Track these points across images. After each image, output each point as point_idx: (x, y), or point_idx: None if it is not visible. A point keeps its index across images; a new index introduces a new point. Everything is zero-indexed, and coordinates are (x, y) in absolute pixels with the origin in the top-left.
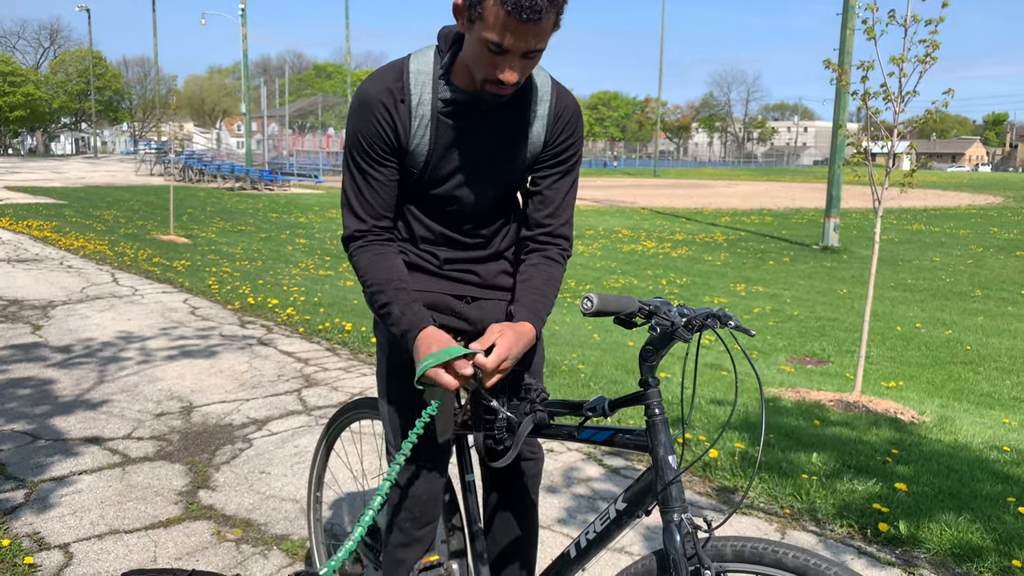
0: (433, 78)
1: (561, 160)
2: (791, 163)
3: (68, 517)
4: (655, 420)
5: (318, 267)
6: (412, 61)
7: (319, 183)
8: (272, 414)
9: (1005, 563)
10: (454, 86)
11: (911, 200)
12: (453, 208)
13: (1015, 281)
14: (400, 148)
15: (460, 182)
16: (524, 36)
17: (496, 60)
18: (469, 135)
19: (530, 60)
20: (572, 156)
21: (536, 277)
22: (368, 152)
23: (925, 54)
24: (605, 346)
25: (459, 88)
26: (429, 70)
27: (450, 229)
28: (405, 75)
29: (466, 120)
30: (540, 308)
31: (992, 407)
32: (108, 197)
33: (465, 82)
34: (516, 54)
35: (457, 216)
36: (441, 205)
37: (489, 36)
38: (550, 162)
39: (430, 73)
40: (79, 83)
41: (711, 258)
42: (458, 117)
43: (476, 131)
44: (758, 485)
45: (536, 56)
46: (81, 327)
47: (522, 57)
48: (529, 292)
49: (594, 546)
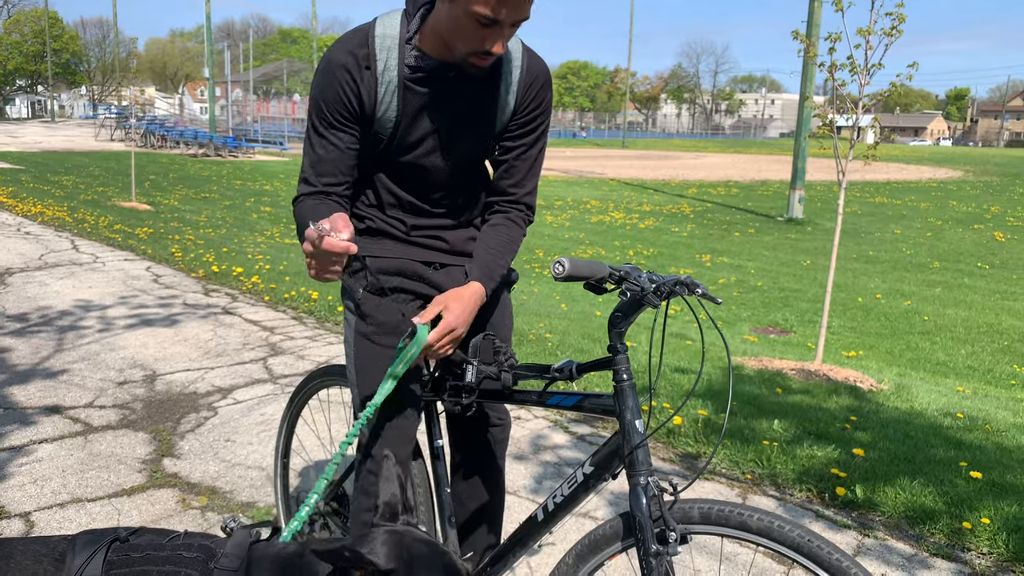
0: (400, 43)
1: (530, 128)
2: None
3: (28, 486)
4: (623, 385)
5: (283, 235)
6: (378, 25)
7: (284, 150)
8: (237, 382)
9: (956, 525)
10: (422, 52)
11: (874, 173)
12: (421, 175)
13: (972, 253)
14: (364, 115)
15: (429, 149)
16: (518, 6)
17: (485, 33)
18: (438, 102)
19: (514, 28)
20: (541, 123)
21: (495, 238)
22: (328, 118)
23: (892, 27)
24: (572, 315)
25: (427, 54)
26: (396, 34)
27: (418, 196)
28: (371, 40)
29: (435, 86)
30: (494, 268)
31: (947, 375)
32: (67, 162)
33: (434, 48)
34: (507, 25)
35: (425, 183)
36: (409, 172)
37: (481, 10)
38: (519, 130)
39: (396, 38)
40: (35, 44)
41: (678, 229)
42: (426, 83)
43: (445, 98)
44: (721, 451)
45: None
46: (40, 294)
47: (511, 27)
48: (485, 252)
49: (561, 509)
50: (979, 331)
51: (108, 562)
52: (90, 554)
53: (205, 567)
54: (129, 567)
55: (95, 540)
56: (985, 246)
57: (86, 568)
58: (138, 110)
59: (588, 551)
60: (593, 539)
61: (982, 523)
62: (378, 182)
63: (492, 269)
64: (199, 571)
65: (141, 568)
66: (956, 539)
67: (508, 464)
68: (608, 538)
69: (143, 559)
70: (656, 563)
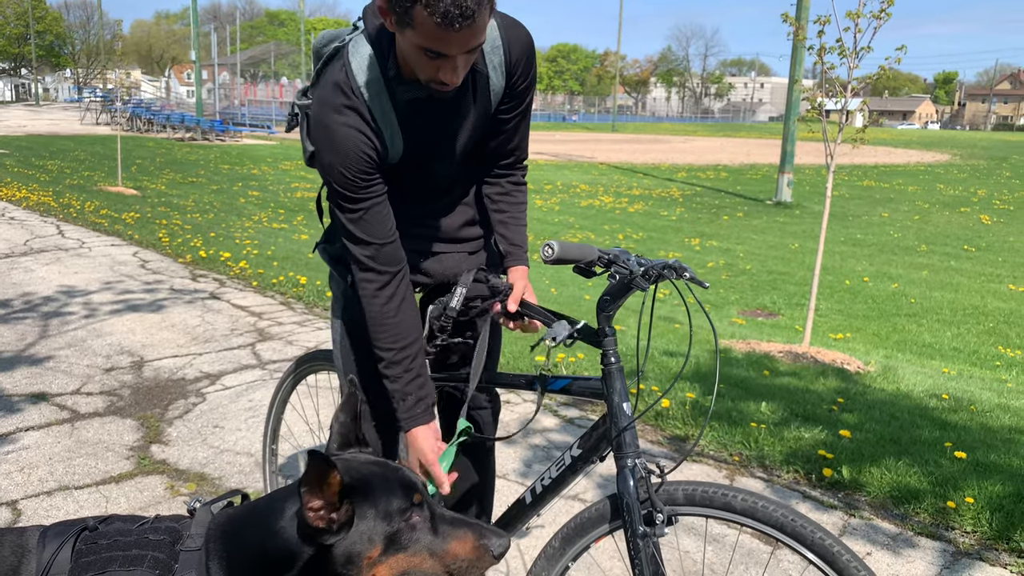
0: (386, 84)
1: (519, 99)
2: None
3: (15, 474)
4: (611, 368)
5: (271, 220)
6: (356, 73)
7: (272, 134)
8: (226, 368)
9: (940, 504)
10: (407, 82)
11: (862, 157)
12: (423, 182)
13: (958, 236)
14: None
15: (431, 161)
16: (462, 40)
17: (437, 63)
18: (436, 119)
19: (472, 53)
20: (529, 92)
21: (512, 208)
22: (357, 183)
23: (880, 10)
24: (562, 300)
25: (411, 82)
26: (378, 77)
27: (419, 197)
28: (358, 92)
29: (427, 111)
30: (525, 241)
31: (933, 357)
32: (52, 146)
33: (414, 73)
34: (457, 56)
35: (426, 188)
36: (414, 183)
37: (426, 44)
38: (510, 103)
39: (381, 80)
40: (18, 26)
41: (667, 213)
42: (420, 111)
43: (442, 113)
44: (708, 433)
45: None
46: (25, 280)
47: (465, 54)
48: (513, 230)
49: (550, 491)
50: (965, 313)
51: (77, 551)
52: (59, 545)
53: (172, 549)
54: (97, 554)
55: (64, 531)
56: (971, 229)
57: (55, 558)
58: (124, 93)
59: (575, 534)
60: (580, 522)
61: (966, 502)
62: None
63: (524, 244)
64: (166, 553)
65: (108, 555)
66: (940, 518)
67: (497, 448)
68: (595, 520)
69: (110, 545)
70: (643, 544)
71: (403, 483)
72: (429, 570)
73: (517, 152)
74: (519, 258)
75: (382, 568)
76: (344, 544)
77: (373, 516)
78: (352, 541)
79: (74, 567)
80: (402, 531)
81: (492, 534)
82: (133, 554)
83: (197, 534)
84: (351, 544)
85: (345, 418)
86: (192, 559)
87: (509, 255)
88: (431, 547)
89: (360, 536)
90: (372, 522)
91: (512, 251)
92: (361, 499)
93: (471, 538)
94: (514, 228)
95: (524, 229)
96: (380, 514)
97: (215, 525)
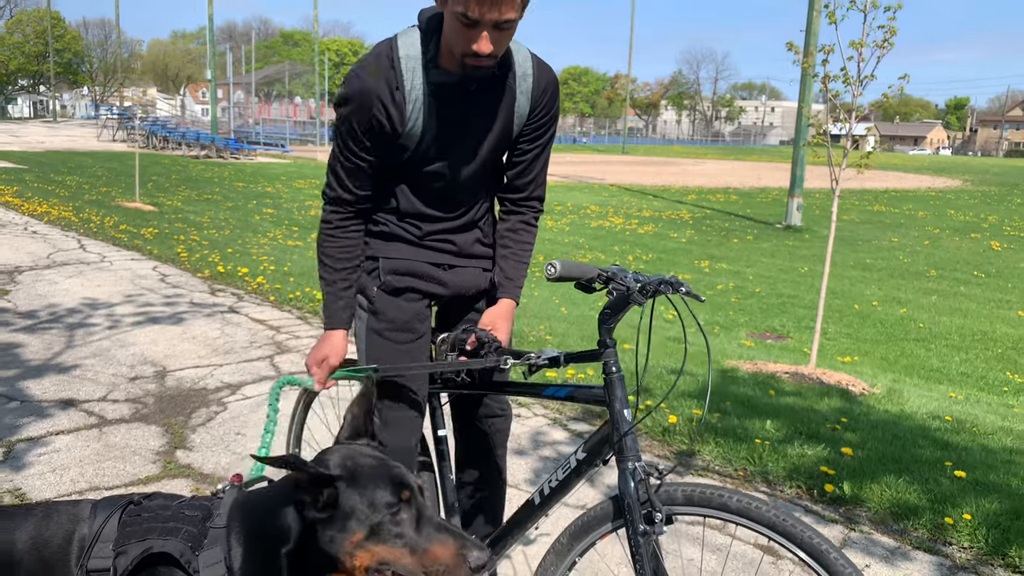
0: (423, 63)
1: (542, 131)
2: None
3: (48, 475)
4: (612, 377)
5: (286, 237)
6: (400, 47)
7: (286, 152)
8: (246, 379)
9: (939, 520)
10: (442, 69)
11: (873, 181)
12: (440, 184)
13: (968, 262)
14: (394, 133)
15: (449, 159)
16: (493, 5)
17: (469, 33)
18: (459, 115)
19: (504, 32)
20: (551, 126)
21: (517, 247)
22: (360, 140)
23: (883, 39)
24: (572, 319)
25: (448, 71)
26: (418, 55)
27: (433, 204)
28: (396, 62)
29: (456, 101)
30: (520, 279)
31: (941, 382)
32: (70, 163)
33: (451, 64)
34: (487, 25)
35: (442, 191)
36: (429, 181)
37: (459, 9)
38: (532, 134)
39: (419, 58)
40: (37, 44)
41: (677, 235)
42: (448, 99)
43: (466, 111)
44: (714, 449)
45: (509, 27)
46: (50, 292)
47: (495, 28)
48: (513, 265)
49: (557, 493)
50: (973, 338)
51: (122, 522)
52: (107, 516)
53: (203, 525)
54: (139, 525)
55: (112, 504)
56: (982, 255)
57: (104, 527)
58: (141, 111)
59: (581, 531)
60: (585, 521)
61: (964, 519)
62: (397, 191)
63: (519, 280)
64: (198, 528)
65: (148, 526)
66: (938, 534)
67: (508, 459)
68: (599, 519)
69: (151, 518)
70: (644, 541)
71: (394, 479)
72: (408, 566)
73: (532, 187)
74: (509, 292)
75: (363, 554)
76: (329, 525)
77: (358, 503)
78: (336, 523)
79: (119, 535)
80: (385, 523)
81: (474, 547)
82: (170, 527)
83: (223, 512)
84: (335, 525)
85: (358, 411)
86: (218, 535)
87: (501, 287)
88: (412, 544)
89: (344, 520)
90: (358, 509)
91: (504, 284)
92: (349, 486)
93: (452, 545)
94: (513, 263)
95: (523, 267)
96: (366, 503)
97: (236, 505)
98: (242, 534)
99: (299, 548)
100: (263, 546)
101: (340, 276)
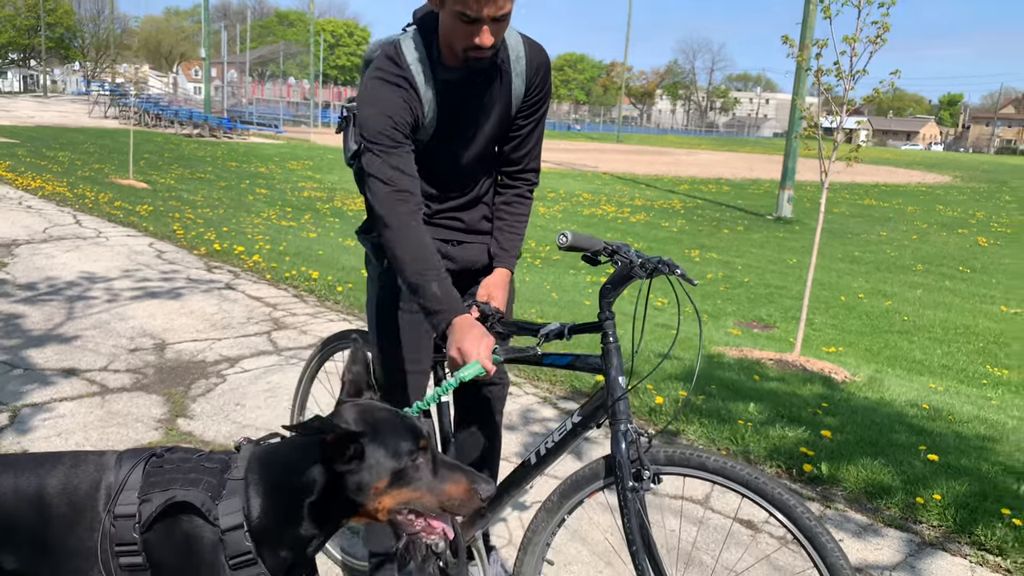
0: (430, 63)
1: (537, 107)
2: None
3: (54, 438)
4: (609, 347)
5: (280, 218)
6: (406, 52)
7: (279, 133)
8: (244, 353)
9: (910, 500)
10: (446, 67)
11: (864, 176)
12: (448, 167)
13: (955, 257)
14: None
15: (457, 146)
16: (491, 1)
17: (470, 29)
18: (465, 106)
19: (501, 23)
20: (544, 103)
21: (513, 219)
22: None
23: (876, 35)
24: (562, 303)
25: (451, 68)
26: (424, 57)
27: (442, 185)
28: (406, 66)
29: (462, 93)
30: (515, 249)
31: (922, 373)
32: (61, 138)
33: (454, 60)
34: (486, 20)
35: (450, 173)
36: (437, 166)
37: (458, 8)
38: (528, 111)
39: (426, 60)
40: (28, 18)
41: (668, 224)
42: (455, 92)
43: (471, 101)
44: (698, 429)
45: (505, 18)
46: (48, 266)
47: (493, 21)
48: (508, 236)
49: (552, 454)
50: (956, 332)
51: (146, 472)
52: (132, 466)
53: (222, 477)
54: (162, 476)
55: (136, 455)
56: (968, 250)
57: (129, 476)
58: (136, 88)
59: (571, 489)
60: (576, 479)
61: (934, 499)
62: None
63: (514, 251)
64: (217, 479)
65: (171, 476)
66: (909, 513)
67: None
68: (590, 477)
69: (173, 469)
70: (632, 498)
71: (410, 429)
72: (427, 504)
73: (527, 160)
74: (504, 261)
75: (387, 498)
76: (356, 475)
77: (383, 454)
78: (363, 473)
79: (144, 484)
80: (407, 469)
81: (482, 480)
82: (191, 477)
83: (241, 465)
84: (362, 475)
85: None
86: (236, 486)
87: (496, 257)
88: (430, 485)
89: (370, 469)
90: (382, 459)
91: (499, 254)
92: (372, 439)
93: (464, 482)
94: (508, 235)
95: (518, 238)
96: (390, 453)
97: (254, 458)
98: (261, 485)
99: (322, 498)
100: (285, 497)
101: (437, 267)
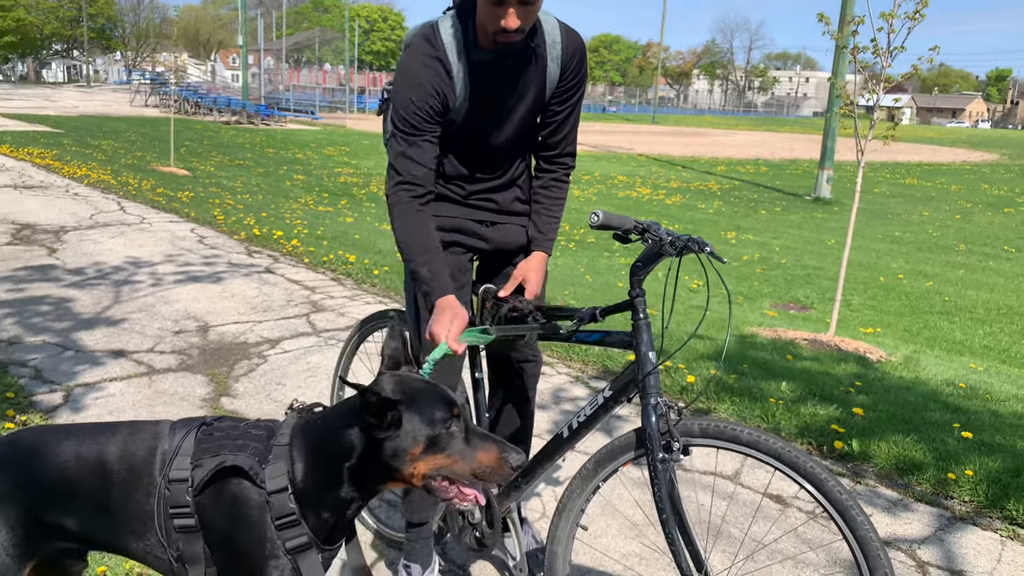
0: (465, 45)
1: (572, 92)
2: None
3: (106, 416)
4: (640, 323)
5: (317, 203)
6: (443, 33)
7: (316, 119)
8: (284, 335)
9: (942, 476)
10: (481, 49)
11: (906, 155)
12: (481, 149)
13: (999, 237)
14: (446, 108)
15: (490, 127)
16: None
17: (497, 11)
18: (498, 88)
19: (529, 6)
20: (580, 88)
21: (549, 203)
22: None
23: (915, 11)
24: (596, 286)
25: (485, 50)
26: (460, 38)
27: (476, 167)
28: (441, 47)
29: (495, 75)
30: (552, 231)
31: (963, 354)
32: (104, 127)
33: (487, 43)
34: (513, 3)
35: (484, 155)
36: (471, 148)
37: None
38: (563, 95)
39: (461, 41)
40: (71, 9)
41: (704, 206)
42: (488, 75)
43: (504, 83)
44: (729, 407)
45: (535, 3)
46: (95, 251)
47: (520, 4)
48: (545, 220)
49: (584, 427)
50: (999, 312)
51: (197, 439)
52: (185, 433)
53: (268, 443)
54: (213, 442)
55: (188, 424)
56: (1014, 230)
57: (183, 443)
58: (177, 76)
59: (606, 459)
60: (610, 449)
61: (966, 475)
62: (443, 158)
63: (551, 234)
64: (263, 445)
65: (221, 443)
66: (940, 488)
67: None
68: (623, 448)
69: (222, 436)
70: (662, 468)
71: (446, 399)
72: (459, 470)
73: (563, 144)
74: (541, 244)
75: (421, 464)
76: (393, 441)
77: (419, 422)
78: (400, 439)
79: (196, 450)
80: (441, 436)
81: (512, 450)
82: (240, 443)
83: (286, 432)
84: (399, 441)
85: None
86: (282, 451)
87: (534, 240)
88: (463, 452)
89: (407, 436)
90: (418, 426)
91: (536, 238)
92: (409, 407)
93: (495, 451)
94: (545, 218)
95: (555, 222)
96: (425, 420)
97: (298, 426)
98: (304, 451)
99: (361, 462)
100: (326, 461)
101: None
